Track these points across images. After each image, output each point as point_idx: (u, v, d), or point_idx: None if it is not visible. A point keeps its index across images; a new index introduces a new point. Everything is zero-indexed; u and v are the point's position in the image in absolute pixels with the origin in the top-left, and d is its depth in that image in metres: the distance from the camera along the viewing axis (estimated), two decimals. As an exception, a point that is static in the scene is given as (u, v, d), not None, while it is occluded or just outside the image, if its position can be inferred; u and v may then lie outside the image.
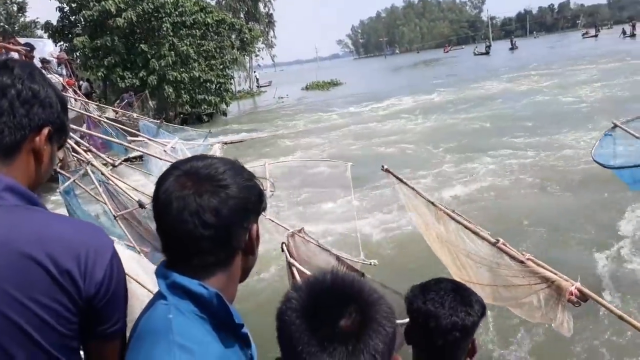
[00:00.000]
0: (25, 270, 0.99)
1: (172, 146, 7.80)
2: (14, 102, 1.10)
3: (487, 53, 68.19)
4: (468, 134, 14.94)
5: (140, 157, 9.65)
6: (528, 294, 3.06)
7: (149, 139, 8.53)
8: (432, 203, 3.39)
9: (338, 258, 4.49)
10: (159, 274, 1.05)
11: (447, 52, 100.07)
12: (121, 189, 5.26)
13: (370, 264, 5.56)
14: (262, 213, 1.14)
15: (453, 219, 3.31)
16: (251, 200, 1.06)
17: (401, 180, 3.51)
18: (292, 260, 3.32)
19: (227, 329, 1.03)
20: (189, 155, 8.06)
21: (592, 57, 35.50)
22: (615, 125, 4.87)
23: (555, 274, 3.00)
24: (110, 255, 1.11)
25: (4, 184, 1.05)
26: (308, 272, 3.30)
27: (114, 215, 4.94)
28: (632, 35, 59.22)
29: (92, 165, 5.79)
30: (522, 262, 3.07)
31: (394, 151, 13.99)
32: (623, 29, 63.23)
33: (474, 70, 39.78)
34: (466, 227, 3.25)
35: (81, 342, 1.13)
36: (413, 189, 3.50)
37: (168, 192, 1.01)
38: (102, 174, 5.68)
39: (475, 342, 1.52)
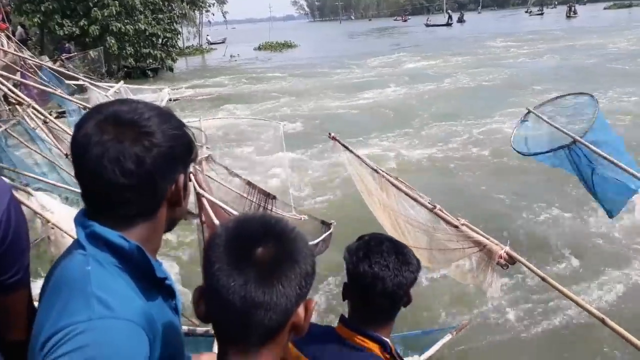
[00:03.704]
0: None
1: (116, 90, 7.48)
2: None
3: (448, 25, 66.96)
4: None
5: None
6: (461, 257, 3.21)
7: (91, 83, 8.12)
8: (376, 170, 3.44)
9: (249, 183, 4.49)
10: (78, 222, 0.99)
11: (406, 21, 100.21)
12: (66, 131, 5.09)
13: (301, 219, 5.65)
14: (193, 164, 1.10)
15: (395, 186, 3.37)
16: (178, 149, 1.01)
17: (347, 148, 3.54)
18: (200, 191, 3.21)
19: (150, 280, 0.99)
20: (134, 99, 7.81)
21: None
22: (529, 111, 5.13)
23: (488, 238, 3.15)
24: (7, 200, 1.02)
25: None
26: (220, 203, 3.27)
27: (65, 154, 4.81)
28: (568, 17, 62.62)
29: (34, 109, 5.49)
30: (456, 227, 3.20)
31: (348, 117, 14.16)
32: (571, 7, 65.78)
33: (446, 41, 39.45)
34: (406, 194, 3.33)
35: None
36: (358, 157, 3.53)
37: (87, 137, 0.94)
38: (45, 117, 5.41)
39: (410, 291, 1.58)
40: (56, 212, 3.77)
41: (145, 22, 24.77)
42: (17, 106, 6.38)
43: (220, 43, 50.90)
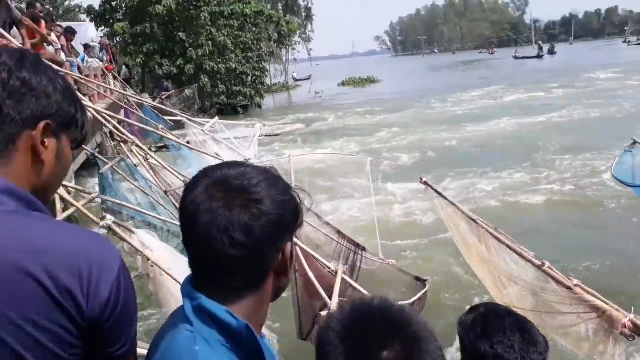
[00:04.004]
0: (19, 286, 0.88)
1: (211, 126, 7.81)
2: None
3: (539, 57, 64.93)
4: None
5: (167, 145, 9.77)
6: (575, 323, 2.89)
7: (188, 118, 8.56)
8: (475, 220, 3.22)
9: (339, 232, 4.35)
10: (185, 292, 0.97)
11: (493, 53, 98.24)
12: (166, 168, 5.32)
13: (389, 264, 5.42)
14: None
15: (496, 238, 3.14)
16: (286, 216, 0.97)
17: (441, 195, 3.37)
18: (294, 239, 3.15)
19: None
20: (228, 134, 7.98)
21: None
22: (635, 142, 4.79)
23: (607, 303, 2.82)
24: (118, 268, 0.98)
25: None
26: (313, 253, 3.18)
27: (164, 191, 5.02)
28: None
29: (137, 146, 5.83)
30: (569, 288, 2.90)
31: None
32: None
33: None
34: (509, 248, 3.08)
35: None
36: (454, 204, 3.34)
37: (196, 203, 0.92)
38: (146, 155, 5.71)
39: None
40: (155, 250, 3.91)
41: (236, 61, 26.24)
42: (122, 143, 6.85)
43: (305, 80, 52.41)
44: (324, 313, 2.86)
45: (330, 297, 2.86)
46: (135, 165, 6.37)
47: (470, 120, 18.26)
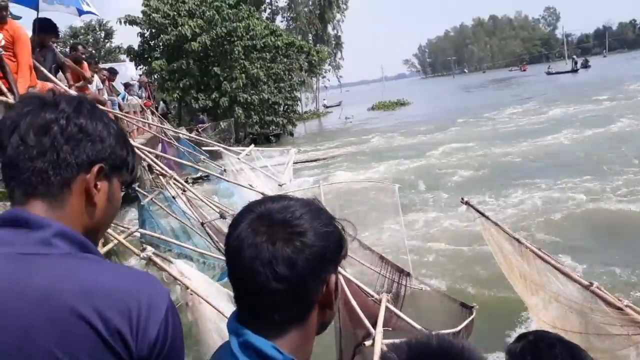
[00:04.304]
0: (72, 329, 0.89)
1: (247, 154, 7.96)
2: (57, 139, 1.00)
3: (574, 71, 64.47)
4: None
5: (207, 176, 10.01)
6: (626, 345, 2.76)
7: (224, 147, 8.75)
8: (518, 240, 3.15)
9: (382, 257, 4.28)
10: (231, 328, 0.97)
11: (525, 70, 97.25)
12: (202, 200, 5.41)
13: (422, 289, 5.31)
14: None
15: (540, 257, 3.05)
16: (329, 248, 0.96)
17: (482, 215, 3.31)
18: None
19: None
20: (264, 161, 8.10)
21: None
22: None
23: (661, 324, 2.69)
24: (165, 308, 0.99)
25: (53, 229, 0.96)
26: (355, 280, 3.14)
27: (201, 223, 5.12)
28: None
29: (175, 180, 5.97)
30: (619, 308, 2.78)
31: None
32: None
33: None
34: (555, 267, 2.99)
35: None
36: (496, 224, 3.28)
37: (240, 239, 0.93)
38: (184, 187, 5.85)
39: None
40: (193, 279, 3.98)
41: (269, 92, 26.87)
42: (160, 176, 7.07)
43: (336, 106, 52.99)
44: (368, 343, 2.80)
45: (374, 326, 2.81)
46: (173, 197, 6.54)
47: (523, 135, 17.96)
